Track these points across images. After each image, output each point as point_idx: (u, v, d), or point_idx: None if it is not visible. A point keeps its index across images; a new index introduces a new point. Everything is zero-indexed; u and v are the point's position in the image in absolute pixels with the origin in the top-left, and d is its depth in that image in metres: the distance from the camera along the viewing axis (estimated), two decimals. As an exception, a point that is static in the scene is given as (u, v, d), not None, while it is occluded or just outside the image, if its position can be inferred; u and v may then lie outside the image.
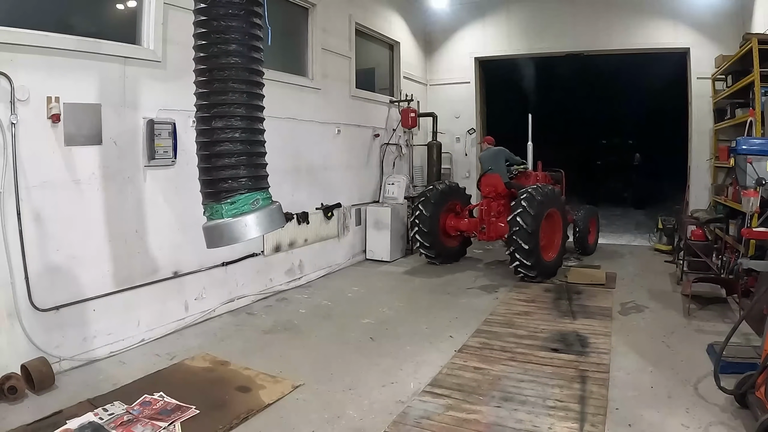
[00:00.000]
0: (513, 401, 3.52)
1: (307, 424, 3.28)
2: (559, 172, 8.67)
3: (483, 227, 7.56)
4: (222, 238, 3.41)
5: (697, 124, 8.57)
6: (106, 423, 3.17)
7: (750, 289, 5.13)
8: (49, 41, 3.82)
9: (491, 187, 7.63)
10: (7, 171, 3.59)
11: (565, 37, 9.42)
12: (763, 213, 3.67)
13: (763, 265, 3.68)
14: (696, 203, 8.43)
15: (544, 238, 6.82)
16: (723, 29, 8.06)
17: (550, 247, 6.99)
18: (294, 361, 4.26)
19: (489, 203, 7.65)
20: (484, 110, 10.85)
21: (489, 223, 7.54)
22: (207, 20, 3.33)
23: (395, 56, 9.49)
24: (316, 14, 6.97)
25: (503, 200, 7.63)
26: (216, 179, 3.39)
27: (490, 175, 7.66)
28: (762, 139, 4.42)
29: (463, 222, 7.82)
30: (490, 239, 7.72)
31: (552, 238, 7.08)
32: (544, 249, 6.80)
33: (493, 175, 7.61)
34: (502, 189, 7.58)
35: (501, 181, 7.57)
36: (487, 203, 7.65)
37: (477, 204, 7.97)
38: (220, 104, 3.36)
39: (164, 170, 4.76)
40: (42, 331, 3.81)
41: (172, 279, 4.89)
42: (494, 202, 7.65)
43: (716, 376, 3.32)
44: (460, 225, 7.81)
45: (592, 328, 4.92)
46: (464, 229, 7.86)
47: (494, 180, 7.60)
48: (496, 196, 7.63)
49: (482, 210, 7.66)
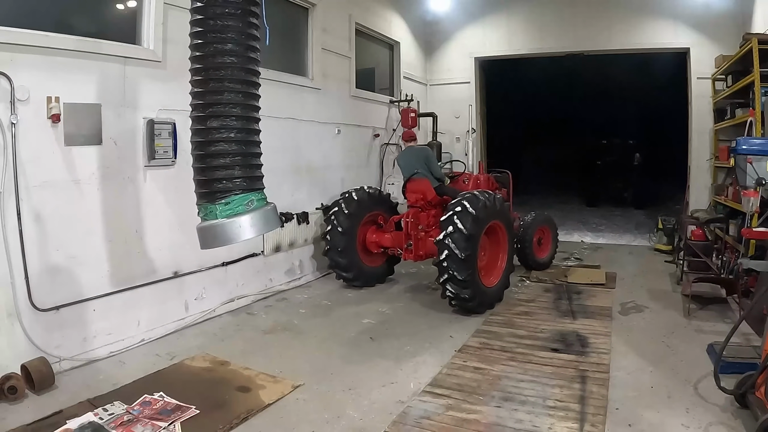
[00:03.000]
0: (513, 401, 3.52)
1: (307, 424, 3.28)
2: (505, 173, 7.40)
3: (409, 244, 6.15)
4: (216, 239, 3.40)
5: (697, 124, 8.56)
6: (106, 423, 3.17)
7: (750, 289, 5.13)
8: (49, 41, 3.82)
9: (418, 194, 6.28)
10: (7, 171, 3.59)
11: (565, 37, 9.41)
12: (763, 213, 3.67)
13: (763, 265, 3.68)
14: (696, 203, 8.42)
15: (485, 258, 5.68)
16: (723, 29, 8.06)
17: (492, 270, 5.74)
18: (294, 361, 4.26)
19: (416, 214, 6.25)
20: (484, 110, 10.86)
21: (416, 238, 6.14)
22: (203, 19, 3.33)
23: (395, 56, 9.49)
24: (316, 14, 6.97)
25: (434, 210, 6.31)
26: (210, 179, 3.39)
27: (416, 179, 6.33)
28: (762, 139, 4.42)
29: (386, 237, 6.39)
30: (419, 258, 6.23)
31: (495, 258, 5.82)
32: (485, 272, 5.60)
33: (421, 180, 6.29)
34: (432, 196, 6.25)
35: (430, 187, 6.24)
36: (414, 214, 6.23)
37: (403, 215, 6.42)
38: (216, 104, 3.36)
39: (164, 170, 4.76)
40: (42, 331, 3.81)
41: (172, 279, 4.89)
42: (423, 213, 6.30)
43: (716, 376, 3.31)
44: (384, 240, 6.39)
45: (592, 328, 4.92)
46: (389, 246, 6.40)
47: (422, 185, 6.27)
48: (425, 204, 6.29)
49: (408, 223, 6.18)
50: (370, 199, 6.41)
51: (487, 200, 5.38)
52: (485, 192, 5.56)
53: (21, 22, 3.69)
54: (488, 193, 5.54)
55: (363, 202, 6.30)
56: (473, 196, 5.37)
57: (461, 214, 5.17)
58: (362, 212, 6.30)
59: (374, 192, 6.56)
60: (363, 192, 6.37)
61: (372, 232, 6.48)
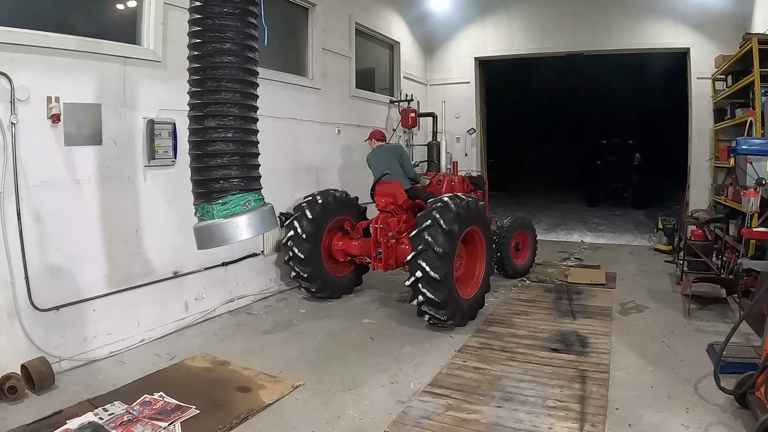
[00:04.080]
0: (513, 401, 3.52)
1: (307, 424, 3.28)
2: (480, 175, 7.03)
3: (379, 252, 5.59)
4: (212, 239, 3.40)
5: (697, 124, 8.57)
6: (106, 423, 3.17)
7: (750, 289, 5.13)
8: (49, 41, 3.82)
9: (389, 198, 5.79)
10: (7, 171, 3.59)
11: (565, 37, 9.42)
12: (763, 213, 3.67)
13: (763, 265, 3.68)
14: (696, 203, 8.43)
15: (462, 267, 5.26)
16: (723, 29, 8.06)
17: (469, 280, 5.28)
18: (294, 361, 4.26)
19: (386, 219, 5.68)
20: (484, 110, 10.86)
21: (386, 246, 5.57)
22: (202, 18, 3.32)
23: (395, 56, 9.50)
24: (316, 14, 6.97)
25: (405, 215, 5.82)
26: (207, 179, 3.38)
27: (386, 181, 5.87)
28: (762, 139, 4.42)
29: (354, 244, 5.89)
30: (389, 268, 5.63)
31: (472, 267, 5.35)
32: (462, 282, 5.16)
33: (391, 182, 5.83)
34: (403, 200, 5.77)
35: (401, 190, 5.78)
36: (384, 219, 5.67)
37: (371, 220, 5.88)
38: (214, 103, 3.35)
39: (164, 170, 4.76)
40: (42, 331, 3.81)
41: (172, 279, 4.89)
42: (393, 218, 5.72)
43: (716, 376, 3.31)
44: (351, 248, 5.89)
45: (592, 328, 4.92)
46: (356, 254, 5.89)
47: (392, 188, 5.79)
48: (396, 209, 5.77)
49: (376, 229, 5.62)
50: (336, 203, 5.86)
51: (461, 207, 4.87)
52: (458, 196, 5.05)
53: (21, 22, 3.69)
54: (461, 198, 5.03)
55: (328, 206, 5.77)
56: (445, 205, 4.83)
57: (433, 229, 4.68)
58: (327, 217, 5.80)
59: (341, 195, 6.02)
60: (328, 195, 5.83)
61: (338, 238, 5.98)
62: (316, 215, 5.65)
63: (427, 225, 4.71)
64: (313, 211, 5.65)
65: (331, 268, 5.94)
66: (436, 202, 4.94)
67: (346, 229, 6.05)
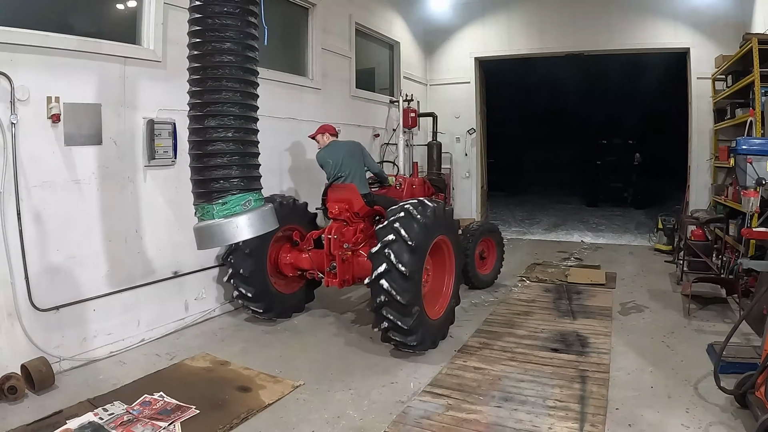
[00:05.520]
0: (513, 401, 3.52)
1: (307, 424, 3.28)
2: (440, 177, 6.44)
3: (333, 266, 4.87)
4: (212, 239, 3.39)
5: (697, 124, 8.56)
6: (106, 423, 3.17)
7: (750, 289, 5.13)
8: (49, 41, 3.81)
9: (343, 204, 5.04)
10: (7, 171, 3.59)
11: (565, 37, 9.42)
12: (763, 213, 3.67)
13: (763, 265, 3.68)
14: (696, 203, 8.43)
15: (429, 282, 4.60)
16: (723, 29, 8.06)
17: (437, 296, 4.65)
18: (294, 360, 4.27)
19: (340, 229, 4.93)
20: (484, 110, 10.87)
21: (341, 260, 4.85)
22: (202, 18, 3.33)
23: (395, 56, 9.50)
24: (316, 14, 6.97)
25: (362, 223, 5.11)
26: (207, 179, 3.38)
27: (340, 185, 5.16)
28: (762, 139, 4.42)
29: (304, 257, 5.16)
30: (345, 285, 4.91)
31: (440, 281, 4.72)
32: (429, 299, 4.52)
33: (346, 186, 5.13)
34: (360, 206, 5.06)
35: (358, 195, 5.06)
36: (338, 229, 4.91)
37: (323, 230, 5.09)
38: (214, 103, 3.35)
39: (164, 170, 4.76)
40: (42, 331, 3.81)
41: (172, 279, 4.89)
42: (349, 227, 5.01)
43: (716, 376, 3.31)
44: (301, 261, 5.17)
45: (592, 328, 4.92)
46: (307, 268, 5.16)
47: (348, 193, 5.08)
48: (352, 217, 5.05)
49: (330, 240, 4.88)
50: (283, 211, 4.90)
51: (426, 216, 4.21)
52: (423, 202, 4.36)
53: (21, 22, 3.68)
54: (426, 204, 4.35)
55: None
56: (408, 215, 4.16)
57: (396, 245, 4.03)
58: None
59: (288, 202, 5.25)
60: (273, 201, 4.66)
61: (286, 251, 5.24)
62: None
63: (389, 240, 4.06)
64: None
65: (278, 284, 5.19)
66: (398, 211, 4.24)
67: (294, 240, 5.30)
